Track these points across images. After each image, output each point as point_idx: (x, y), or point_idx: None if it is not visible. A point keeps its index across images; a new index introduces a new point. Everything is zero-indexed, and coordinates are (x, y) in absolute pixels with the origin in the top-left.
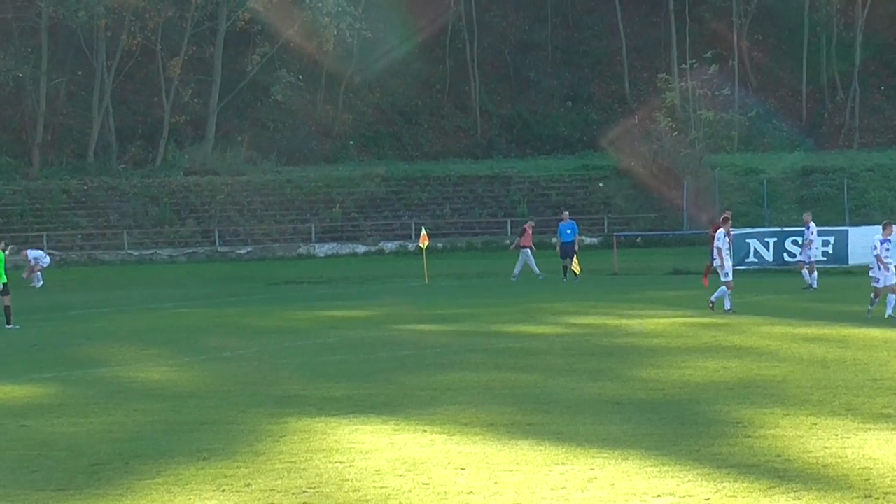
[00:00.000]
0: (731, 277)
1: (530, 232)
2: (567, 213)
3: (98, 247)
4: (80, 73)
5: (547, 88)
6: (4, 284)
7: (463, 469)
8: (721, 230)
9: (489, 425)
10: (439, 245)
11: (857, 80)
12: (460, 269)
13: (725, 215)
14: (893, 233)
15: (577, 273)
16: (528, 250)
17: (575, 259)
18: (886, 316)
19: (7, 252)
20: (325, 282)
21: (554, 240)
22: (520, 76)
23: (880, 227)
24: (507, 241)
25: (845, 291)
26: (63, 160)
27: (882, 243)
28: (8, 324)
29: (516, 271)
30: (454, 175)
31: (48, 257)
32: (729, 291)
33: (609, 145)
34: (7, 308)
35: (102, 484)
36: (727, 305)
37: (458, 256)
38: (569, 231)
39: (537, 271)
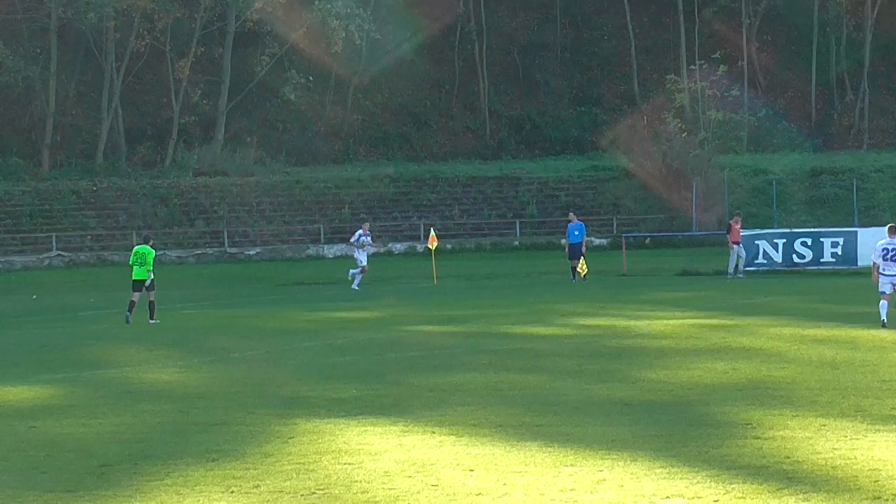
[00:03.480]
0: (882, 289)
1: (737, 227)
2: (573, 214)
3: (107, 247)
4: (89, 74)
5: (555, 89)
6: (152, 280)
7: (472, 470)
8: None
9: (498, 426)
10: (448, 246)
11: (867, 81)
12: (469, 270)
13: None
14: None
15: (584, 275)
16: (738, 246)
17: (582, 260)
18: None
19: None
20: (333, 283)
21: (563, 241)
22: (528, 77)
23: None
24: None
25: (855, 293)
26: (72, 161)
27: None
28: (151, 318)
29: (732, 268)
30: (463, 176)
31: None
32: (883, 302)
33: (618, 146)
34: (151, 303)
35: (111, 485)
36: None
37: (466, 257)
38: (577, 232)
39: (730, 271)
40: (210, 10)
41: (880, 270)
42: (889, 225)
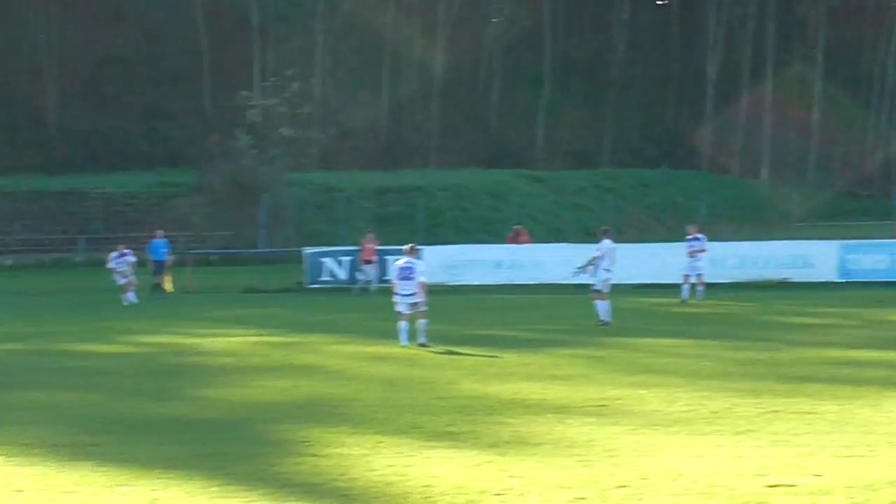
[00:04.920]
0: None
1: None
2: (161, 231)
3: None
4: None
5: (126, 103)
6: None
7: (21, 491)
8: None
9: (52, 446)
10: (8, 262)
11: (436, 101)
12: (29, 286)
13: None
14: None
15: (169, 290)
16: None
17: (167, 277)
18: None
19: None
20: None
21: (136, 258)
22: (98, 91)
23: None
24: None
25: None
26: None
27: None
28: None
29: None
30: (25, 190)
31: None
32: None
33: (187, 162)
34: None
35: None
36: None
37: (27, 274)
38: (163, 250)
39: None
40: None
41: (398, 290)
42: (408, 245)
